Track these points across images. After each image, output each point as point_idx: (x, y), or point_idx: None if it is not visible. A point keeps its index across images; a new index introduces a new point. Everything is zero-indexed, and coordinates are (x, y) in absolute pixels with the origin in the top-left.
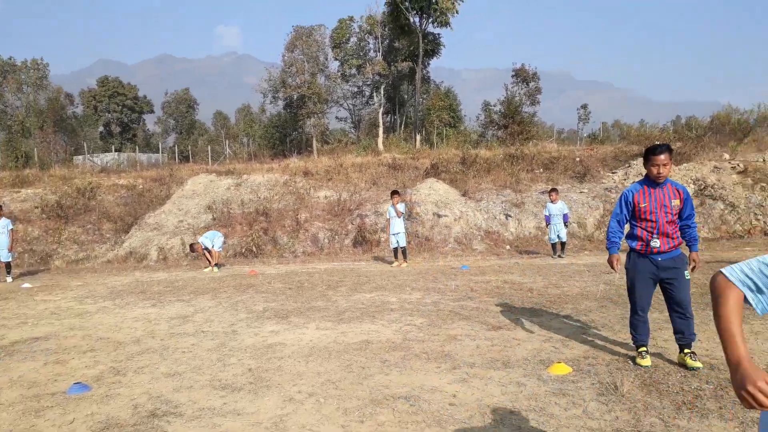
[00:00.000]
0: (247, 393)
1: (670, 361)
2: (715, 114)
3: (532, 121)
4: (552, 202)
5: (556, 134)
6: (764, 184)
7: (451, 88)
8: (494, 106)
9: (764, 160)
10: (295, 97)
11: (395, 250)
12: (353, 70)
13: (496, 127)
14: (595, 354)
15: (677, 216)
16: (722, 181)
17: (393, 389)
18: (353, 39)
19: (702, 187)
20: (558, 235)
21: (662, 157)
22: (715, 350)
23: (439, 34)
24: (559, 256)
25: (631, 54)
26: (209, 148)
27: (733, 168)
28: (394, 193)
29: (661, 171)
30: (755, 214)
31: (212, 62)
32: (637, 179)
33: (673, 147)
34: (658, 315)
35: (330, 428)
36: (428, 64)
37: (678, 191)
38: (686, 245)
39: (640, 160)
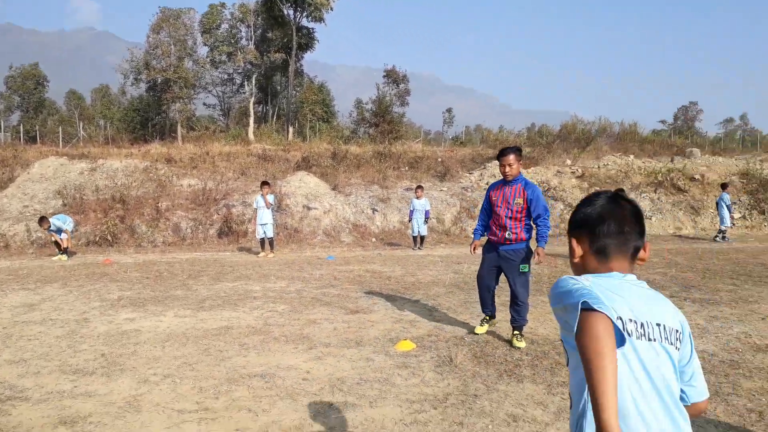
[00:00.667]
0: (99, 376)
1: (501, 338)
2: (563, 123)
3: (401, 121)
4: (417, 198)
5: (423, 135)
6: (597, 187)
7: (325, 83)
8: (366, 104)
9: (599, 167)
10: (159, 81)
11: (262, 240)
12: (224, 57)
13: (367, 125)
14: (437, 332)
15: (522, 213)
16: (563, 184)
17: (249, 369)
18: (224, 25)
19: (546, 189)
20: (419, 229)
21: (509, 157)
22: (538, 329)
23: (313, 28)
24: (418, 248)
25: (493, 62)
26: (60, 129)
27: (573, 173)
28: (264, 183)
29: (507, 170)
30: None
31: (66, 37)
32: (492, 180)
33: (524, 152)
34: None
35: (185, 405)
36: (302, 57)
37: (524, 191)
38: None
39: (495, 162)
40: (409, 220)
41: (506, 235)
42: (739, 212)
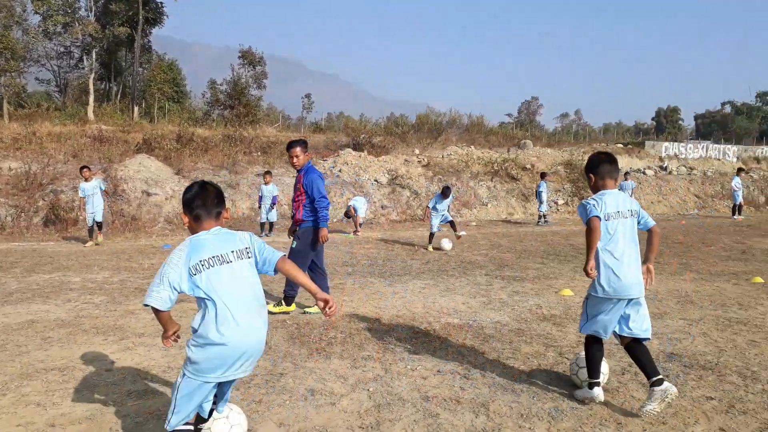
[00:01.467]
0: None
1: (321, 318)
2: (418, 114)
3: (258, 104)
4: (265, 184)
5: (282, 120)
6: (441, 176)
7: (176, 60)
8: (221, 85)
9: (443, 157)
10: None
11: (90, 229)
12: (59, 28)
13: (221, 107)
14: None
15: (303, 198)
16: (410, 172)
17: (48, 363)
18: None
19: (394, 177)
20: (267, 216)
21: (295, 149)
22: (359, 308)
23: (162, 2)
24: (266, 235)
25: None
26: None
27: (419, 162)
28: (84, 168)
29: (294, 161)
30: (437, 199)
31: None
32: (344, 167)
33: (377, 140)
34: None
35: None
36: (150, 32)
37: (303, 179)
38: None
39: (350, 150)
40: (259, 207)
41: (298, 216)
42: (563, 199)
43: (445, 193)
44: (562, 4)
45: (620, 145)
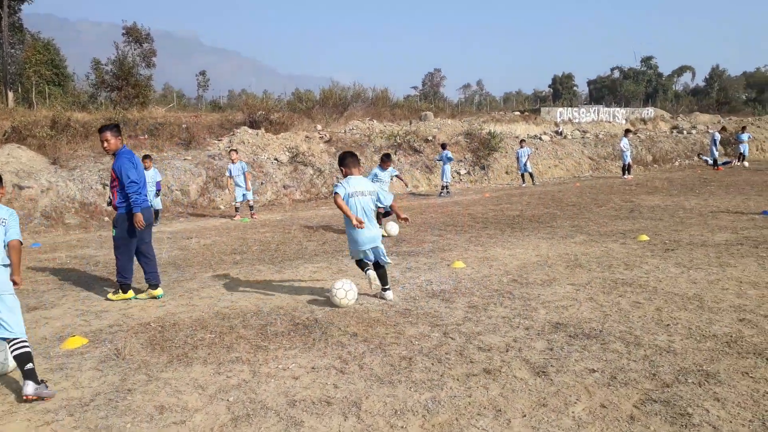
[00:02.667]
0: None
1: (192, 319)
2: (322, 89)
3: (148, 84)
4: (145, 169)
5: (178, 99)
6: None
7: (52, 40)
8: (105, 65)
9: (345, 132)
10: None
11: None
12: None
13: (108, 89)
14: (123, 322)
15: (116, 184)
16: (312, 149)
17: None
18: None
19: (295, 154)
20: (152, 203)
21: (106, 134)
22: (239, 301)
23: None
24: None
25: (259, 25)
26: None
27: (321, 138)
28: None
29: (105, 145)
30: (337, 177)
31: None
32: (240, 146)
33: (276, 116)
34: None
35: None
36: (19, 9)
37: (113, 170)
38: None
39: (244, 128)
40: None
41: (114, 203)
42: (465, 168)
43: (384, 161)
44: None
45: (517, 113)
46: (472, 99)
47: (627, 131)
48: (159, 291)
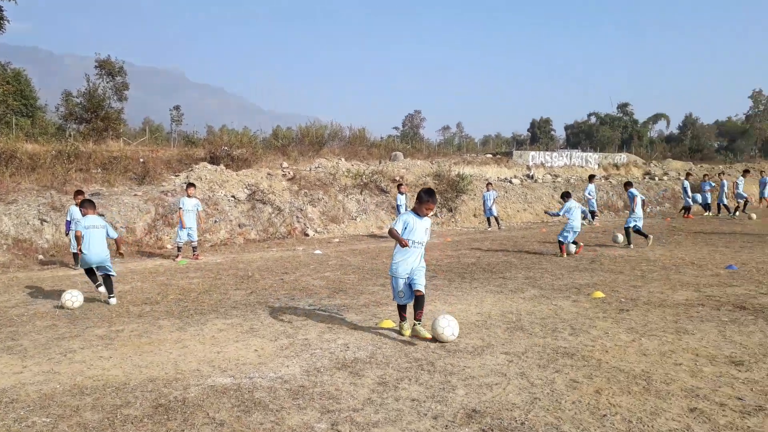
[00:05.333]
0: None
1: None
2: (299, 127)
3: (119, 117)
4: (76, 205)
5: (149, 134)
6: (307, 190)
7: (23, 70)
8: (76, 97)
9: (310, 170)
10: None
11: None
12: None
13: (77, 121)
14: None
15: None
16: (273, 186)
17: None
18: None
19: (254, 191)
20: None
21: None
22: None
23: (2, 7)
24: (74, 267)
25: (245, 63)
26: None
27: (284, 175)
28: None
29: None
30: (297, 216)
31: None
32: (196, 182)
33: (235, 154)
34: None
35: None
36: None
37: None
38: None
39: (205, 163)
40: (66, 234)
41: None
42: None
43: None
44: (453, 33)
45: (489, 155)
46: (450, 140)
47: (591, 177)
48: None
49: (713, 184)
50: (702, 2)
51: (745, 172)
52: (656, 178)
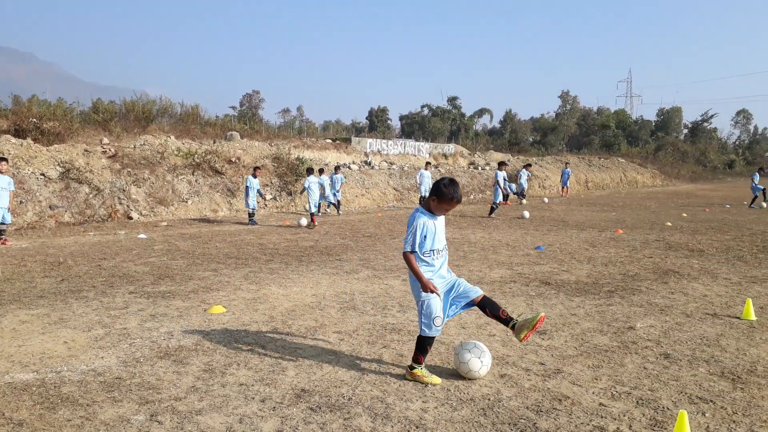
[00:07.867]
0: None
1: None
2: (123, 100)
3: None
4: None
5: None
6: (131, 169)
7: None
8: None
9: (134, 147)
10: None
11: None
12: None
13: None
14: None
15: None
16: (91, 164)
17: None
18: None
19: (68, 169)
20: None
21: None
22: None
23: None
24: None
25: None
26: None
27: (105, 152)
28: None
29: None
30: (119, 198)
31: None
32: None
33: (45, 127)
34: None
35: None
36: None
37: None
38: None
39: (7, 137)
40: None
41: None
42: (271, 194)
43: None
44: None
45: (329, 141)
46: (291, 123)
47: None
48: None
49: (530, 174)
50: (514, 6)
51: (527, 165)
52: (479, 168)
